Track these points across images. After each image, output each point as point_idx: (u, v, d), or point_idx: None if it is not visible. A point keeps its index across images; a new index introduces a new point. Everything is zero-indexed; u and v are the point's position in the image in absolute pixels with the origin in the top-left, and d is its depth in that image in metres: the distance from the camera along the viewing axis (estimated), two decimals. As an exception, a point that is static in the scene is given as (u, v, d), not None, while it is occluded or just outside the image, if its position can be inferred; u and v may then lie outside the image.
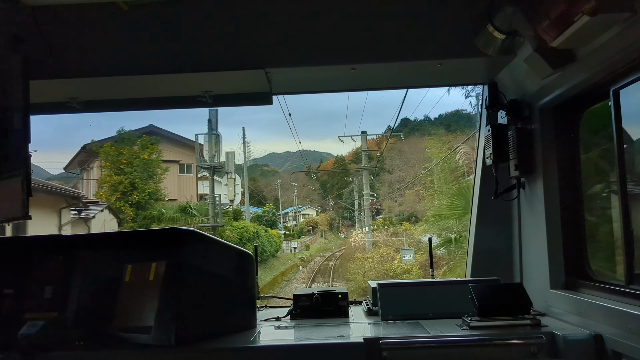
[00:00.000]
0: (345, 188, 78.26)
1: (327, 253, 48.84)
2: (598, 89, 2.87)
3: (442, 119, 71.28)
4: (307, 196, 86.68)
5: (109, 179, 28.13)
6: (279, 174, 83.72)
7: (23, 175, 2.95)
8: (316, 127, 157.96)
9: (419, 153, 59.26)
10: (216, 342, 2.87)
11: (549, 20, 2.49)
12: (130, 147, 28.95)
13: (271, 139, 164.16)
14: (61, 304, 3.01)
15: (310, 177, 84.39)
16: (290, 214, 78.75)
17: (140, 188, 28.16)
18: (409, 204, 53.90)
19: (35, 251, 3.26)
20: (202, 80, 3.52)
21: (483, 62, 3.45)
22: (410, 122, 71.86)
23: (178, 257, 2.92)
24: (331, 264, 37.50)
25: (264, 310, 3.84)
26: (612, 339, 2.59)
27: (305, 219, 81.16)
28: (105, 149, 28.78)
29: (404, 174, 61.50)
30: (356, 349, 2.74)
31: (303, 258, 43.55)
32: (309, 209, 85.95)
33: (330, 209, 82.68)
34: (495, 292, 3.17)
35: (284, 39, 3.41)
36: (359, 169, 40.93)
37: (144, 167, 28.65)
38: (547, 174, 3.30)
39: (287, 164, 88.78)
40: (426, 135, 60.66)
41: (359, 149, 73.54)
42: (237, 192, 24.42)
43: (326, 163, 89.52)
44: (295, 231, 67.76)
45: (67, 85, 3.52)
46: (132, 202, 27.98)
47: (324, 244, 61.57)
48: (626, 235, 2.69)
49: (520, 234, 3.72)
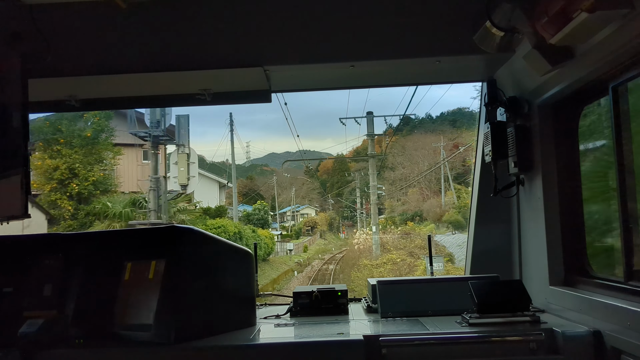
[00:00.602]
0: (346, 187, 76.85)
1: (327, 255, 46.45)
2: (597, 85, 2.87)
3: (443, 117, 71.00)
4: (306, 195, 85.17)
5: (40, 163, 22.43)
6: (275, 172, 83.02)
7: (22, 173, 2.95)
8: (316, 127, 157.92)
9: (423, 149, 57.43)
10: (216, 339, 2.88)
11: (547, 17, 2.49)
12: (72, 122, 23.24)
13: (271, 139, 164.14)
14: (60, 302, 3.01)
15: (310, 175, 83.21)
16: (288, 214, 76.58)
17: (82, 175, 22.68)
18: (412, 202, 51.85)
19: (35, 249, 3.26)
20: (201, 78, 3.52)
21: (482, 59, 3.45)
22: (412, 120, 71.20)
23: (177, 255, 2.93)
24: (331, 268, 35.11)
25: (264, 308, 3.84)
26: (611, 335, 2.59)
27: (304, 218, 78.56)
28: (38, 124, 22.62)
29: (407, 171, 59.66)
30: (356, 346, 2.74)
31: (299, 262, 40.49)
32: (307, 208, 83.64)
33: (330, 208, 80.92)
34: (495, 289, 3.17)
35: (283, 36, 3.40)
36: (366, 157, 37.20)
37: (88, 149, 23.10)
38: (546, 171, 3.30)
39: (287, 163, 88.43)
40: (429, 132, 58.82)
41: (359, 148, 73.02)
42: (192, 175, 17.45)
43: (326, 162, 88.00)
44: (293, 231, 65.52)
45: (65, 83, 3.51)
46: (71, 194, 22.64)
47: (323, 245, 59.20)
48: (625, 232, 2.70)
49: (519, 230, 3.72)
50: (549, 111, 3.32)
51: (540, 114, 3.33)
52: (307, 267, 38.43)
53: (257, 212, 44.82)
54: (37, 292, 3.06)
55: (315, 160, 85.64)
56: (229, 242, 3.35)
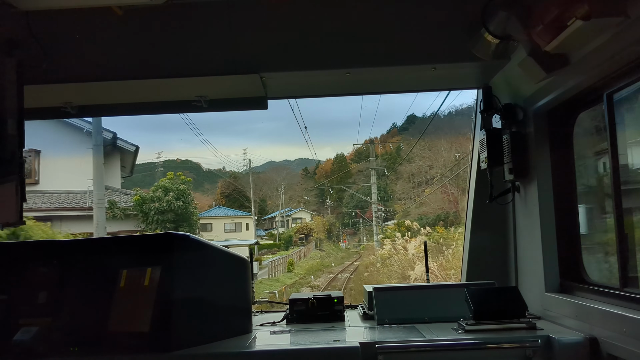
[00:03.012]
0: (348, 188, 69.45)
1: (323, 276, 33.14)
2: (592, 93, 2.89)
3: (451, 115, 67.78)
4: (301, 199, 79.92)
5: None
6: (251, 170, 70.97)
7: (17, 180, 2.94)
8: (318, 136, 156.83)
9: (449, 135, 42.11)
10: (212, 347, 2.87)
11: (542, 25, 2.51)
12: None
13: (270, 147, 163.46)
14: (55, 309, 2.99)
15: (308, 178, 79.49)
16: (277, 218, 67.31)
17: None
18: (433, 203, 39.48)
19: (30, 256, 3.24)
20: (197, 84, 3.52)
21: (477, 66, 3.46)
22: (417, 119, 66.09)
23: (173, 262, 2.92)
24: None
25: (260, 315, 3.83)
26: (607, 342, 2.60)
27: (296, 224, 67.92)
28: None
29: (427, 163, 46.39)
30: (352, 353, 2.73)
31: (275, 293, 24.63)
32: (301, 212, 73.45)
33: (329, 213, 72.89)
34: (491, 296, 3.17)
35: (279, 43, 3.41)
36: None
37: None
38: (541, 178, 3.32)
39: (286, 171, 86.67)
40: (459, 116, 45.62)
41: (361, 149, 69.10)
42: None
43: (324, 164, 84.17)
44: (282, 240, 56.70)
45: (61, 90, 3.50)
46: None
47: (319, 259, 45.48)
48: (620, 239, 2.70)
49: (515, 237, 3.73)
50: (544, 118, 3.33)
51: (535, 121, 3.35)
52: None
53: (161, 196, 25.03)
54: (32, 299, 3.04)
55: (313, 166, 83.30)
56: (225, 250, 3.34)
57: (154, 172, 76.58)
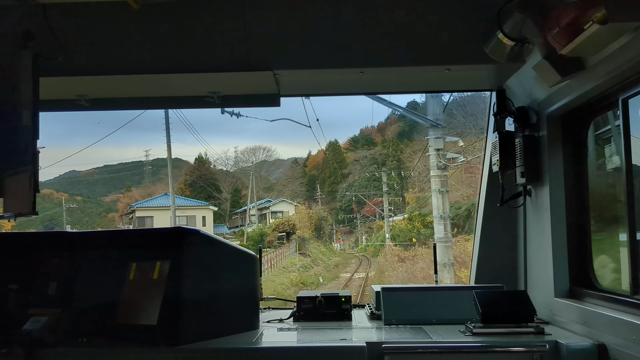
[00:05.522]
0: (342, 181, 63.24)
1: None
2: (607, 97, 2.86)
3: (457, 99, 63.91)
4: (291, 193, 67.38)
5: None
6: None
7: (31, 171, 2.96)
8: (318, 136, 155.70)
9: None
10: (219, 342, 2.88)
11: (558, 28, 2.49)
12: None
13: (263, 146, 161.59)
14: (65, 300, 3.02)
15: (298, 170, 70.61)
16: (252, 212, 53.09)
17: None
18: (461, 189, 29.73)
19: (40, 247, 3.27)
20: (210, 80, 3.54)
21: (491, 68, 3.44)
22: (419, 105, 63.15)
23: (182, 257, 2.93)
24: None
25: (267, 312, 3.84)
26: (616, 349, 2.57)
27: (276, 218, 51.11)
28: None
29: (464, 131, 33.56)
30: (358, 353, 2.73)
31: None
32: (282, 202, 57.58)
33: (319, 204, 59.02)
34: (499, 299, 3.16)
35: (293, 41, 3.42)
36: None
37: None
38: (553, 182, 3.29)
39: (279, 171, 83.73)
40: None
41: (357, 137, 64.27)
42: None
43: (315, 155, 71.64)
44: (252, 240, 39.39)
45: (76, 82, 3.53)
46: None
47: (300, 270, 30.57)
48: (632, 246, 2.68)
49: (525, 241, 3.71)
50: (557, 122, 3.31)
51: (548, 125, 3.32)
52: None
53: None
54: (42, 289, 3.07)
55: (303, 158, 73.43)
56: (234, 245, 3.35)
57: (141, 171, 73.21)
